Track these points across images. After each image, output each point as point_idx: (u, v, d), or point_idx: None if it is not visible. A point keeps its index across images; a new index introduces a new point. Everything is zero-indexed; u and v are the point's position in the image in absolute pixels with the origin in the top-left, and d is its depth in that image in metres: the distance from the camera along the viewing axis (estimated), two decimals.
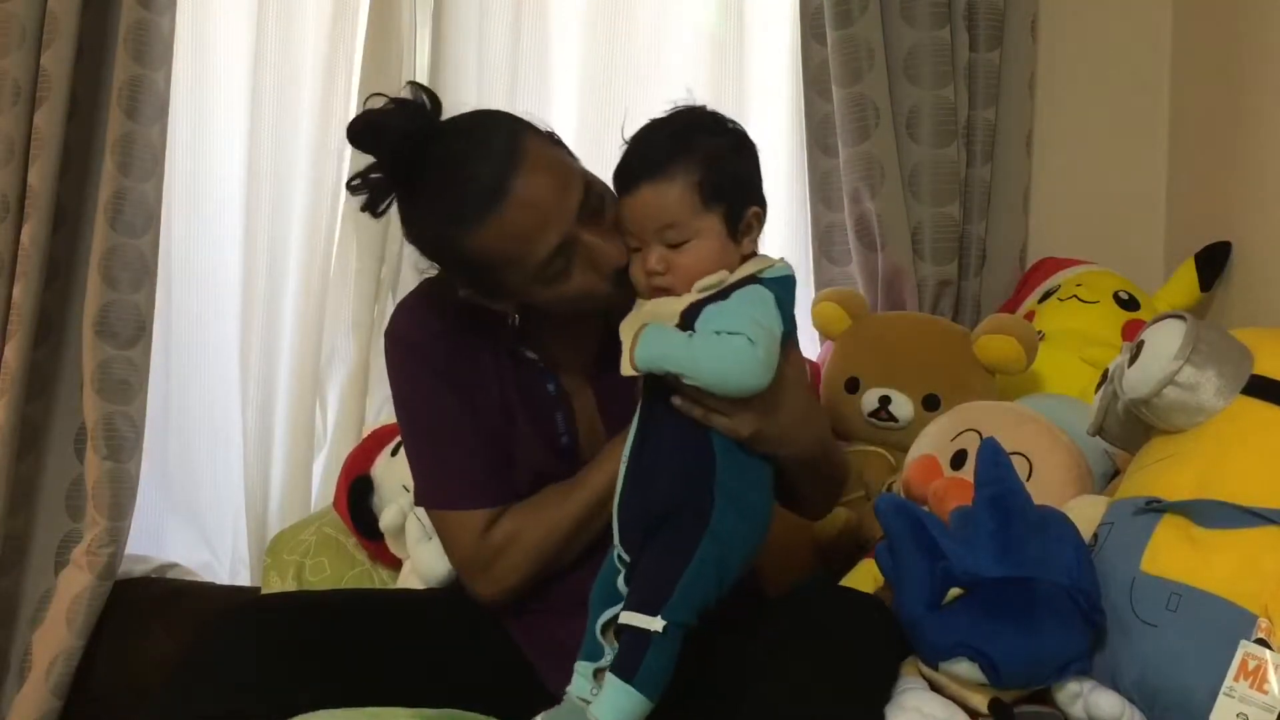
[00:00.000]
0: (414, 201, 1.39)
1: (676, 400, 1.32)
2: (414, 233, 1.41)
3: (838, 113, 2.27)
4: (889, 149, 2.24)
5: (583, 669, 1.30)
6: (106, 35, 2.26)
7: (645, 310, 1.36)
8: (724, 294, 1.33)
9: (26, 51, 2.21)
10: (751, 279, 1.35)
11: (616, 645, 1.27)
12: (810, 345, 2.30)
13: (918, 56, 2.25)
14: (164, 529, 2.46)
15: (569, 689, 1.30)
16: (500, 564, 1.47)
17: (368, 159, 1.40)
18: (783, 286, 1.37)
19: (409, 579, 1.90)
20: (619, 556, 1.33)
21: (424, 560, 1.81)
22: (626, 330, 1.34)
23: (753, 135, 2.50)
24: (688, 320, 1.32)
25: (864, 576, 1.58)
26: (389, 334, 1.53)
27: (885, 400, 1.95)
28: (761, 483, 1.37)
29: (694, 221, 1.34)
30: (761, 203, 1.40)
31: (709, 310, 1.32)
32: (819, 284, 2.34)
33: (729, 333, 1.29)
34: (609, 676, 1.24)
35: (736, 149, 1.41)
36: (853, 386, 1.99)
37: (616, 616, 1.27)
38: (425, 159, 1.36)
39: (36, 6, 2.21)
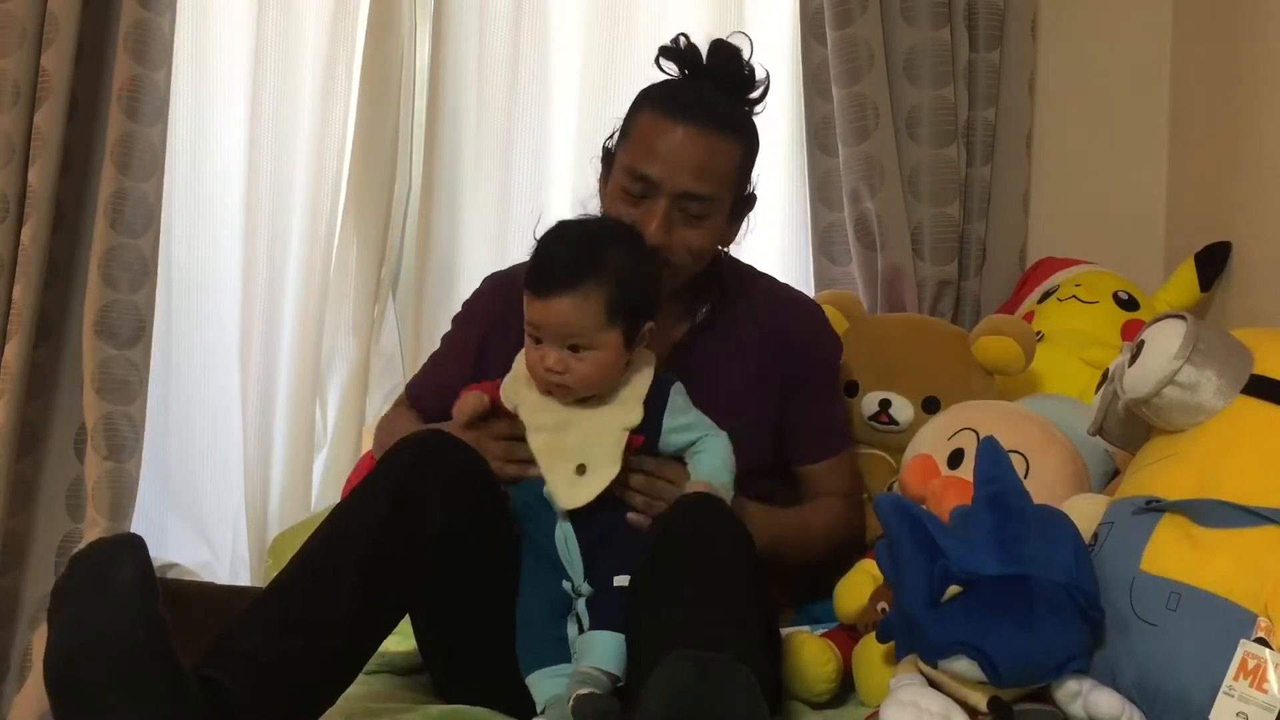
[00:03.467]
0: None
1: (634, 516, 1.47)
2: None
3: (838, 113, 2.27)
4: (889, 149, 2.24)
5: (549, 673, 1.42)
6: (106, 35, 2.26)
7: (569, 441, 1.47)
8: (662, 392, 1.50)
9: (26, 51, 2.21)
10: (660, 379, 1.51)
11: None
12: None
13: (918, 56, 2.25)
14: (164, 529, 2.46)
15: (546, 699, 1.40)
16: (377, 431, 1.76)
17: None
18: None
19: None
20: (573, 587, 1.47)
21: None
22: (555, 460, 1.46)
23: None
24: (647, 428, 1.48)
25: (862, 575, 1.58)
26: (491, 277, 1.79)
27: (885, 403, 1.95)
28: None
29: (598, 335, 1.44)
30: (654, 315, 1.51)
31: (673, 425, 1.49)
32: (819, 284, 2.34)
33: (712, 435, 1.50)
34: (596, 635, 1.39)
35: (643, 261, 1.51)
36: (852, 390, 1.99)
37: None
38: None
39: (36, 6, 2.21)
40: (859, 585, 1.57)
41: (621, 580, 1.40)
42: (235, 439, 2.42)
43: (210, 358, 2.45)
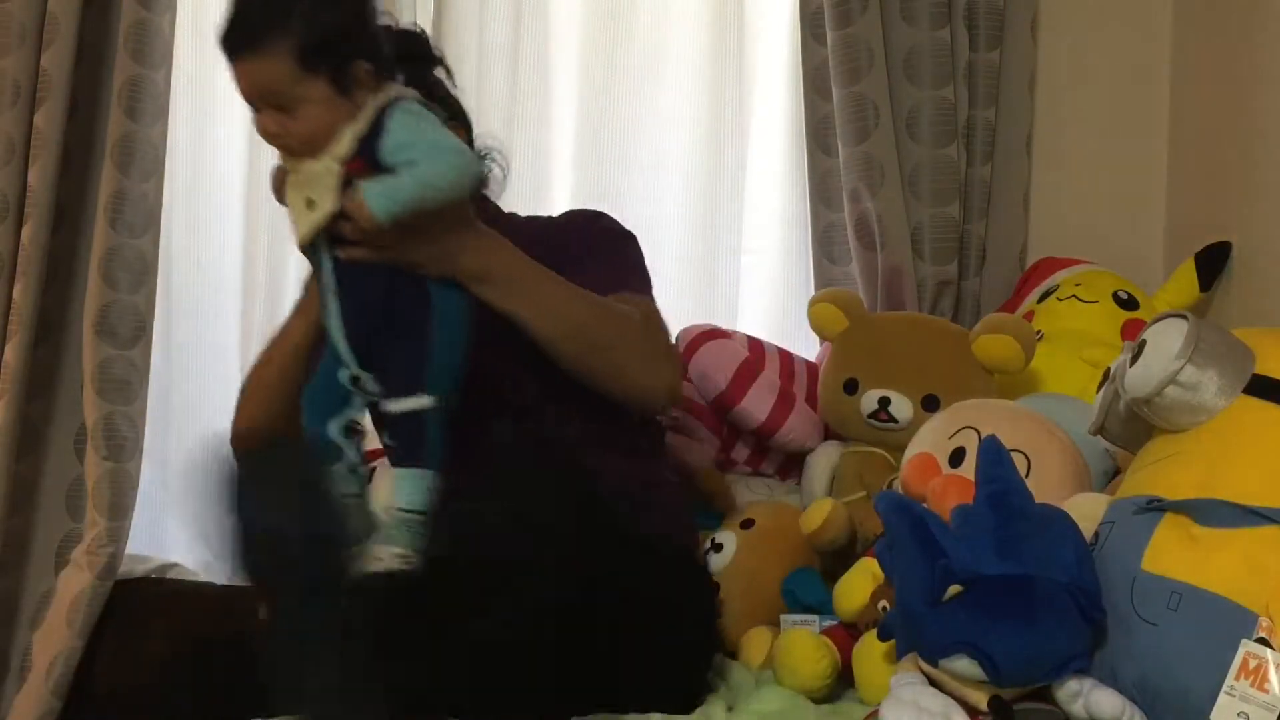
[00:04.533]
0: None
1: (343, 252, 1.41)
2: None
3: (838, 113, 2.27)
4: (889, 149, 2.24)
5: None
6: (106, 35, 2.26)
7: (301, 179, 1.42)
8: (377, 131, 1.38)
9: (26, 51, 2.21)
10: (391, 103, 1.40)
11: (355, 444, 1.43)
12: (808, 346, 2.31)
13: (918, 56, 2.25)
14: (164, 529, 2.46)
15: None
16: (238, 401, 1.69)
17: None
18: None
19: None
20: (349, 375, 1.42)
21: None
22: (294, 199, 1.43)
23: (753, 135, 2.52)
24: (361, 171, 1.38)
25: (864, 574, 1.58)
26: None
27: (885, 401, 1.95)
28: None
29: (298, 88, 1.37)
30: (372, 55, 1.41)
31: (387, 147, 1.37)
32: (819, 284, 2.34)
33: (430, 145, 1.39)
34: (396, 472, 1.37)
35: (335, 3, 1.41)
36: (851, 388, 1.99)
37: (351, 419, 1.43)
38: None
39: (36, 6, 2.21)
40: (859, 583, 1.57)
41: (407, 404, 1.38)
42: None
43: (210, 358, 2.45)
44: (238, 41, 1.39)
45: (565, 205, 2.41)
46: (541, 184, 2.42)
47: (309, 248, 1.46)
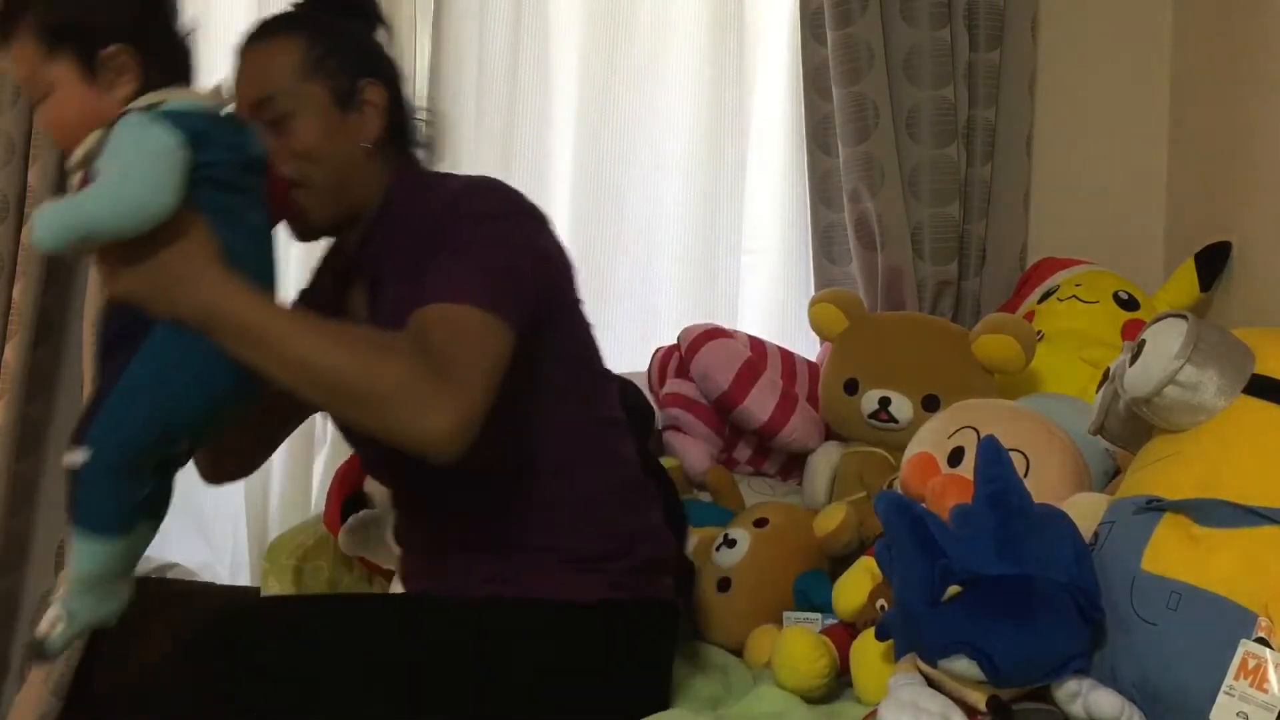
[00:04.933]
0: None
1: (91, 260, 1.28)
2: None
3: (838, 113, 2.27)
4: (889, 149, 2.24)
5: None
6: None
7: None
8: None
9: None
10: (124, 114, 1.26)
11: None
12: (809, 346, 2.31)
13: (918, 56, 2.25)
14: (164, 529, 2.44)
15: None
16: None
17: None
18: (184, 119, 1.26)
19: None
20: None
21: None
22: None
23: (753, 135, 2.52)
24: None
25: (863, 573, 1.58)
26: None
27: (885, 401, 1.95)
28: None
29: (41, 72, 1.28)
30: (118, 37, 1.28)
31: (96, 165, 1.24)
32: (819, 284, 2.34)
33: (121, 170, 1.22)
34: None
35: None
36: (852, 388, 1.99)
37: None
38: None
39: None
40: (858, 583, 1.57)
41: (67, 457, 1.25)
42: None
43: None
44: None
45: (565, 205, 2.41)
46: (542, 184, 2.43)
47: None
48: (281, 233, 1.43)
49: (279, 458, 2.41)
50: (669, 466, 2.00)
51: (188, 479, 2.46)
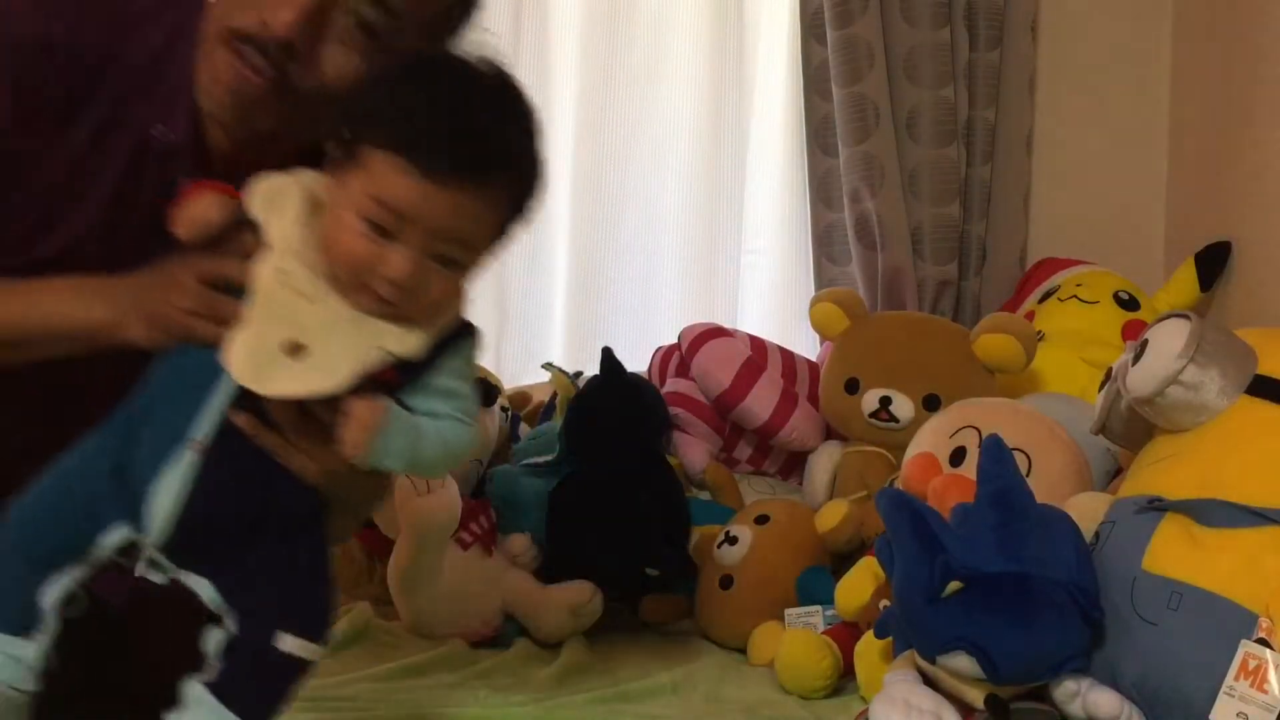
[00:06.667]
0: None
1: (242, 421, 0.98)
2: None
3: (838, 113, 2.27)
4: (889, 149, 2.24)
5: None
6: None
7: (302, 318, 0.98)
8: (454, 340, 1.02)
9: None
10: (468, 325, 1.04)
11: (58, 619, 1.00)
12: (809, 345, 2.31)
13: (918, 56, 2.25)
14: None
15: None
16: None
17: None
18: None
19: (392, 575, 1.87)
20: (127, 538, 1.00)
21: (427, 509, 1.74)
22: (276, 325, 0.97)
23: (753, 135, 2.52)
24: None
25: (865, 573, 1.58)
26: None
27: (886, 401, 1.95)
28: None
29: (483, 247, 1.01)
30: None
31: (434, 384, 1.01)
32: (819, 284, 2.35)
33: (454, 417, 1.02)
34: (216, 708, 0.98)
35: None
36: (853, 387, 1.99)
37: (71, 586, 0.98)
38: None
39: None
40: (860, 582, 1.57)
41: (297, 646, 1.00)
42: None
43: None
44: (479, 161, 0.97)
45: (565, 205, 2.41)
46: None
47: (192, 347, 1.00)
48: None
49: None
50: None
51: None
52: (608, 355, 1.94)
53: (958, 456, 1.62)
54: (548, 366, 2.15)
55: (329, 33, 1.07)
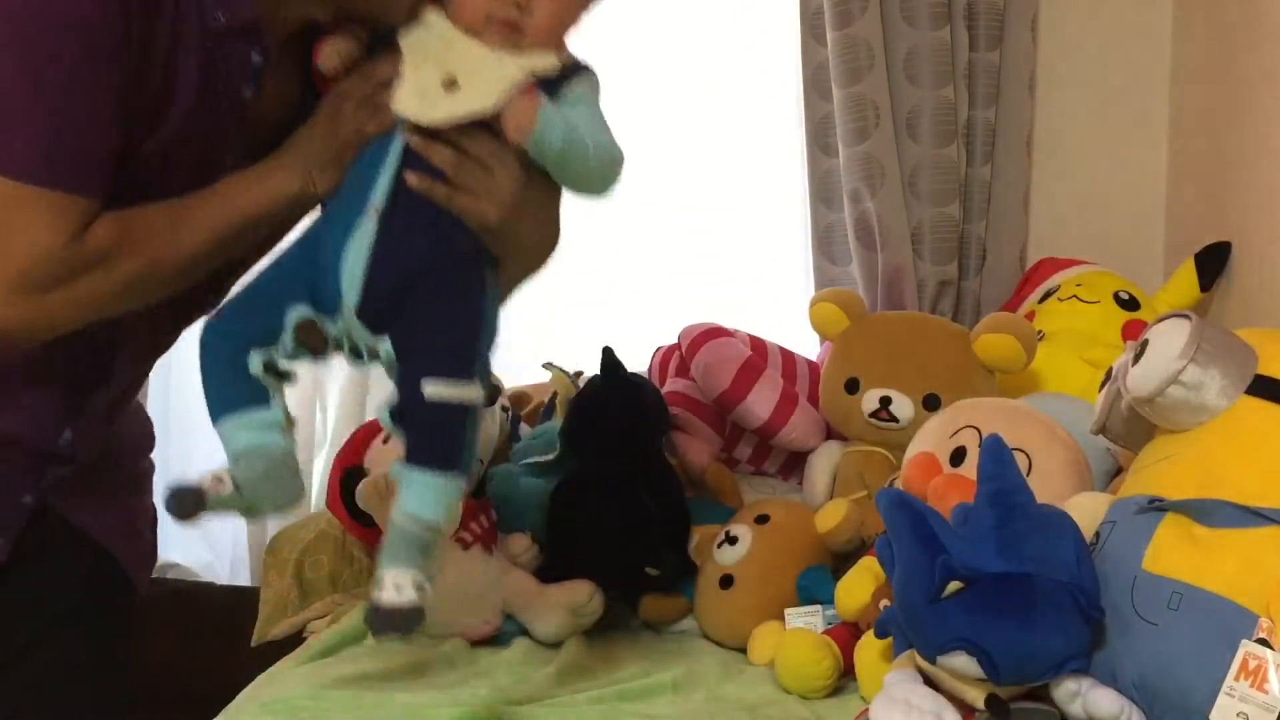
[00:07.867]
0: None
1: (414, 179, 1.13)
2: None
3: (838, 113, 2.27)
4: (889, 149, 2.24)
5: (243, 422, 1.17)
6: None
7: (452, 58, 1.15)
8: (574, 75, 1.20)
9: None
10: (584, 68, 1.23)
11: (276, 383, 1.15)
12: (809, 345, 2.31)
13: (918, 56, 2.25)
14: (164, 529, 2.45)
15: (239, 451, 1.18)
16: (83, 283, 1.12)
17: None
18: None
19: None
20: (302, 318, 1.16)
21: None
22: (420, 67, 1.15)
23: (753, 135, 2.52)
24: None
25: (865, 573, 1.58)
26: None
27: (886, 400, 1.95)
28: None
29: None
30: None
31: (571, 98, 1.19)
32: (819, 284, 2.35)
33: (600, 143, 1.20)
34: (416, 472, 1.11)
35: None
36: (852, 387, 1.99)
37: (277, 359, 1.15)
38: None
39: None
40: (861, 583, 1.57)
41: (439, 389, 1.10)
42: None
43: None
44: None
45: (564, 204, 2.41)
46: None
47: (374, 140, 1.16)
48: None
49: None
50: None
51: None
52: (608, 355, 1.94)
53: (958, 456, 1.62)
54: (548, 366, 2.15)
55: None
